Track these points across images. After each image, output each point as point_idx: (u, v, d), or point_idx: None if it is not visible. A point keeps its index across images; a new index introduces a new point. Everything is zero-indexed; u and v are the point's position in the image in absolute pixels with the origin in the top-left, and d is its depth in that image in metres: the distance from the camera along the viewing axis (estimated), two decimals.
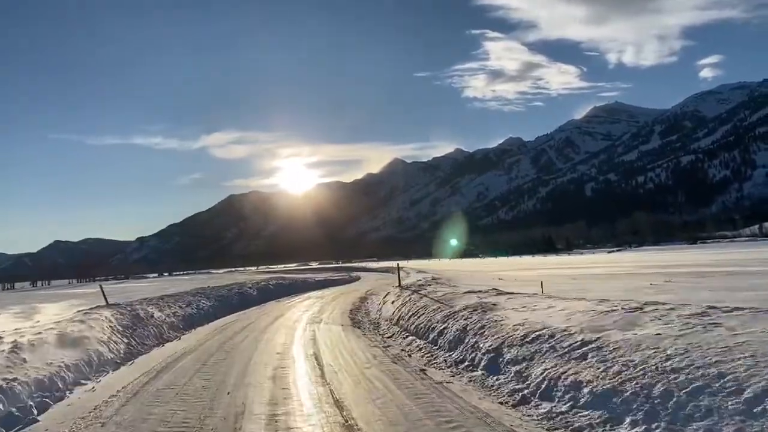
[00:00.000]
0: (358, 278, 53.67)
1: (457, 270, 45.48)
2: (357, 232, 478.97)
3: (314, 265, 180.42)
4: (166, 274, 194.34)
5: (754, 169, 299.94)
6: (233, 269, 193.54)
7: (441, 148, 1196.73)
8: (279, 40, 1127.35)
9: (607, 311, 9.68)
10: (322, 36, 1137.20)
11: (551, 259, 79.80)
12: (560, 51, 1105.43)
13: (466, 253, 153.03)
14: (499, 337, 9.94)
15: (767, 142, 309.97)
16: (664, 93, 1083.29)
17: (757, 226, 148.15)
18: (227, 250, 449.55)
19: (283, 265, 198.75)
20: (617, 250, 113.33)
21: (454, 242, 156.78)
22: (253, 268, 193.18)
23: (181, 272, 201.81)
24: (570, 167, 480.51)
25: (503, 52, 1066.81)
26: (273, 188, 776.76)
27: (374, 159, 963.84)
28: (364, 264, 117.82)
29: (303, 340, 14.13)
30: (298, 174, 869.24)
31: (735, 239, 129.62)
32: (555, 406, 7.06)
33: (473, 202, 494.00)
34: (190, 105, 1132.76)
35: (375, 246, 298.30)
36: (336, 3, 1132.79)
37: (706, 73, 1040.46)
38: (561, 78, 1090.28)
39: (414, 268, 52.14)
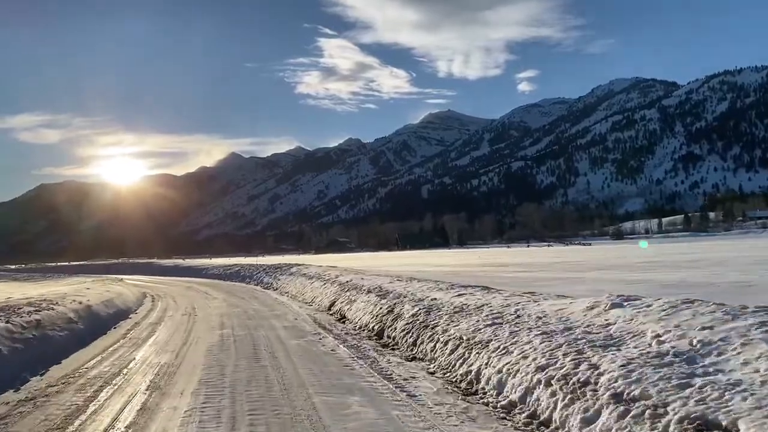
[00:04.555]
0: None
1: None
2: (190, 227, 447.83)
3: (100, 262, 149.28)
4: None
5: (577, 177, 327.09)
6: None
7: (280, 145, 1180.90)
8: (97, 17, 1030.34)
9: None
10: (144, 18, 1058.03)
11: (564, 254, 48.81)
12: (392, 55, 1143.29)
13: (333, 244, 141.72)
14: None
15: (587, 152, 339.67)
16: (488, 103, 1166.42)
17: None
18: (32, 245, 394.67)
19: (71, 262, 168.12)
20: (547, 245, 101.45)
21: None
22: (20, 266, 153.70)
23: None
24: (407, 169, 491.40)
25: (336, 50, 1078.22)
26: (91, 178, 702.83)
27: (207, 152, 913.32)
28: (194, 262, 65.55)
29: None
30: (120, 164, 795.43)
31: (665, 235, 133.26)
32: None
33: (313, 200, 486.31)
34: None
35: (209, 242, 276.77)
36: None
37: (523, 86, 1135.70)
38: (392, 81, 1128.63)
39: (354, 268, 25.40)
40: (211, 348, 9.96)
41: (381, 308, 12.22)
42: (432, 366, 8.07)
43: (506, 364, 6.63)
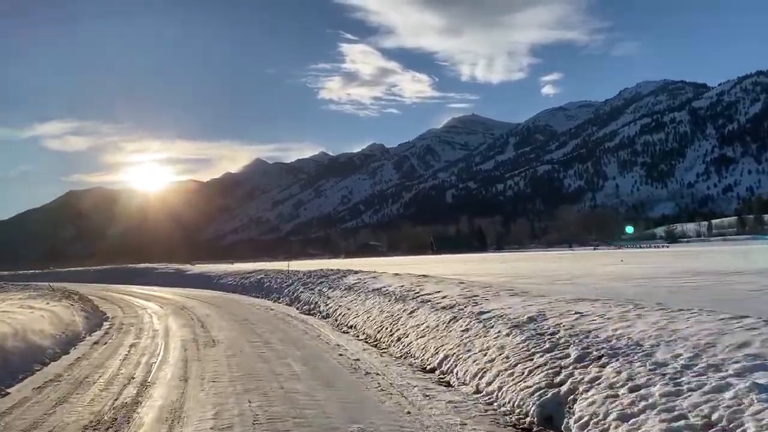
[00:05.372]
0: None
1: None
2: (216, 233, 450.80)
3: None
4: None
5: (605, 180, 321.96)
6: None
7: (304, 151, 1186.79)
8: (120, 25, 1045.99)
9: None
10: (167, 25, 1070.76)
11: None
12: (414, 59, 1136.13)
13: (363, 248, 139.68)
14: None
15: (615, 155, 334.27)
16: (513, 107, 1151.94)
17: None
18: (61, 250, 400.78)
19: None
20: (616, 248, 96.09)
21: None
22: (35, 271, 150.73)
23: None
24: (431, 174, 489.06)
25: (358, 55, 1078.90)
26: (118, 185, 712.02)
27: (232, 158, 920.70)
28: (206, 267, 48.99)
29: None
30: (147, 170, 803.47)
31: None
32: None
33: (337, 205, 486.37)
34: (18, 88, 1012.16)
35: (233, 247, 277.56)
36: None
37: (548, 89, 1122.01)
38: (414, 86, 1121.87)
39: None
40: None
41: None
42: None
43: None
